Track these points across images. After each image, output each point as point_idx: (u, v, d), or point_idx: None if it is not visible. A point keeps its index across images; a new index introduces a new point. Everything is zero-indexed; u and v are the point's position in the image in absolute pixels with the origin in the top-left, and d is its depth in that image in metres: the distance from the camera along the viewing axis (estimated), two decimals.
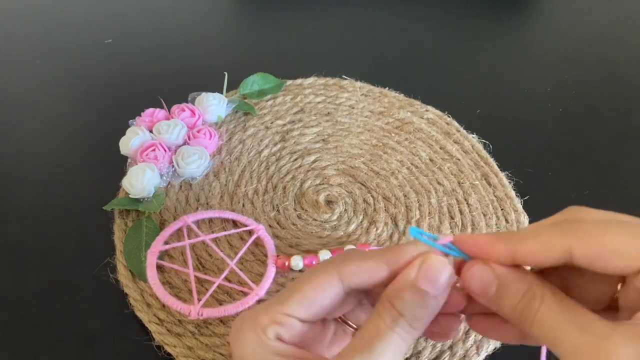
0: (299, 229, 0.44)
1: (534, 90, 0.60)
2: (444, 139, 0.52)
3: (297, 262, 0.40)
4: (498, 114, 0.57)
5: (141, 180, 0.43)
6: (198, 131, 0.48)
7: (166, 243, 0.41)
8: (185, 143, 0.48)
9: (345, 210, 0.45)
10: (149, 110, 0.50)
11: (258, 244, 0.42)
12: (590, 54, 0.66)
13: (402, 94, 0.57)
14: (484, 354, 0.37)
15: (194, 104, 0.52)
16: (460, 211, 0.45)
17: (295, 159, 0.50)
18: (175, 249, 0.42)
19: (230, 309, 0.37)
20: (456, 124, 0.54)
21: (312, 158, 0.50)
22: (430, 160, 0.50)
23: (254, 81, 0.56)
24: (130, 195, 0.44)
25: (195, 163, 0.46)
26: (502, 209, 0.46)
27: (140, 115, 0.50)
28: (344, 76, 0.59)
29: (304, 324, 0.21)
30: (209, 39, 0.67)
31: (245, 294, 0.38)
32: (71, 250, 0.43)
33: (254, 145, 0.51)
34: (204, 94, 0.52)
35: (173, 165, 0.46)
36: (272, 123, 0.53)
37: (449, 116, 0.54)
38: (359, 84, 0.58)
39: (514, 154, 0.51)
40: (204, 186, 0.47)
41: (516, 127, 0.55)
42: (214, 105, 0.51)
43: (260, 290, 0.38)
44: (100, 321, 0.38)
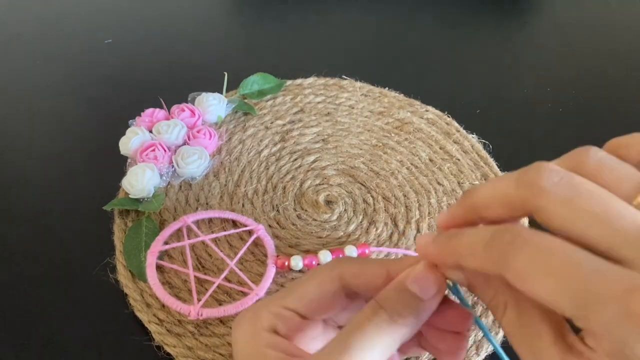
0: (299, 229, 0.44)
1: (534, 90, 0.60)
2: (443, 139, 0.52)
3: (297, 262, 0.40)
4: (498, 114, 0.57)
5: (141, 180, 0.43)
6: (198, 131, 0.48)
7: (166, 243, 0.41)
8: (185, 143, 0.48)
9: (345, 210, 0.45)
10: (149, 110, 0.50)
11: (258, 244, 0.42)
12: (591, 54, 0.66)
13: (402, 94, 0.57)
14: (483, 354, 0.37)
15: (193, 104, 0.52)
16: None
17: (295, 159, 0.50)
18: (175, 249, 0.42)
19: (230, 309, 0.37)
20: (456, 124, 0.54)
21: (312, 158, 0.50)
22: (430, 160, 0.50)
23: (254, 81, 0.56)
24: (130, 195, 0.44)
25: (195, 163, 0.46)
26: None
27: (140, 115, 0.50)
28: (344, 76, 0.59)
29: (303, 321, 0.22)
30: (209, 39, 0.67)
31: (245, 294, 0.38)
32: (71, 250, 0.43)
33: (253, 145, 0.51)
34: (203, 94, 0.52)
35: (173, 165, 0.46)
36: (272, 123, 0.53)
37: (449, 116, 0.54)
38: (358, 84, 0.58)
39: (514, 154, 0.51)
40: (204, 186, 0.47)
41: (516, 127, 0.55)
42: (213, 105, 0.51)
43: (260, 291, 0.38)
44: (100, 321, 0.38)
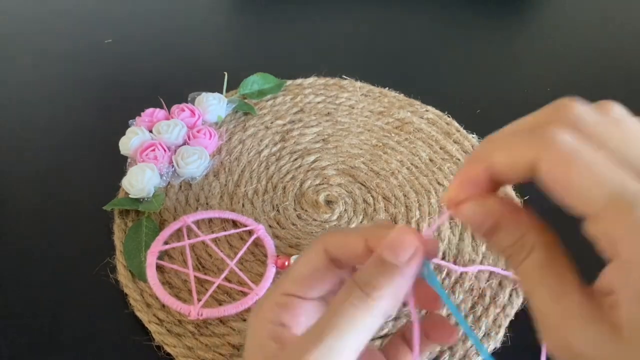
0: (299, 229, 0.44)
1: (534, 90, 0.60)
2: (444, 139, 0.52)
3: None
4: (498, 114, 0.57)
5: (141, 180, 0.43)
6: (198, 131, 0.48)
7: (166, 243, 0.41)
8: (185, 143, 0.48)
9: (345, 210, 0.45)
10: (149, 110, 0.50)
11: (258, 244, 0.42)
12: (591, 54, 0.66)
13: (402, 94, 0.57)
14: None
15: (193, 104, 0.52)
16: None
17: (295, 159, 0.50)
18: (175, 249, 0.42)
19: (230, 309, 0.37)
20: (456, 124, 0.54)
21: (312, 158, 0.50)
22: (430, 160, 0.50)
23: (254, 81, 0.56)
24: (130, 195, 0.44)
25: (195, 163, 0.46)
26: None
27: (140, 115, 0.50)
28: (344, 76, 0.59)
29: (303, 302, 0.21)
30: (209, 39, 0.67)
31: (245, 294, 0.38)
32: (71, 250, 0.43)
33: (253, 145, 0.51)
34: (204, 94, 0.52)
35: (173, 165, 0.46)
36: (272, 123, 0.53)
37: (449, 116, 0.54)
38: (359, 84, 0.58)
39: None
40: (204, 186, 0.47)
41: None
42: (213, 105, 0.51)
43: (260, 290, 0.38)
44: (100, 321, 0.38)
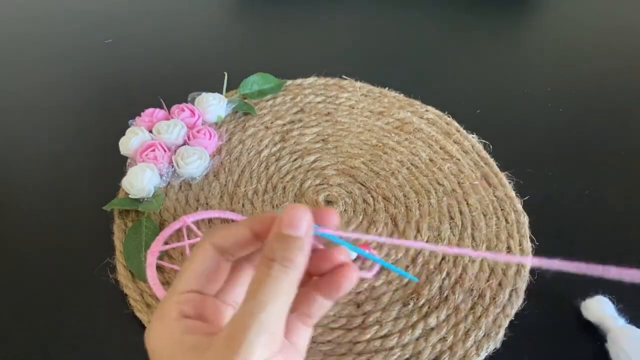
0: None
1: (534, 90, 0.60)
2: (444, 139, 0.52)
3: None
4: (498, 114, 0.57)
5: (141, 180, 0.43)
6: (198, 131, 0.48)
7: (166, 243, 0.41)
8: (185, 143, 0.48)
9: (345, 210, 0.45)
10: (149, 110, 0.50)
11: None
12: (591, 54, 0.66)
13: (402, 94, 0.57)
14: (483, 354, 0.37)
15: (193, 104, 0.52)
16: (460, 211, 0.45)
17: (295, 159, 0.50)
18: (175, 249, 0.42)
19: None
20: (456, 124, 0.54)
21: (312, 158, 0.50)
22: (430, 160, 0.50)
23: (254, 81, 0.56)
24: (130, 196, 0.44)
25: (195, 163, 0.46)
26: (502, 209, 0.46)
27: (140, 115, 0.50)
28: (344, 76, 0.59)
29: (206, 298, 0.24)
30: (209, 39, 0.67)
31: None
32: (71, 250, 0.43)
33: (253, 145, 0.51)
34: (203, 94, 0.52)
35: (173, 166, 0.46)
36: (272, 123, 0.53)
37: (449, 116, 0.54)
38: (359, 84, 0.58)
39: (514, 154, 0.51)
40: (204, 186, 0.47)
41: (516, 127, 0.55)
42: (213, 105, 0.51)
43: None
44: (100, 321, 0.38)
